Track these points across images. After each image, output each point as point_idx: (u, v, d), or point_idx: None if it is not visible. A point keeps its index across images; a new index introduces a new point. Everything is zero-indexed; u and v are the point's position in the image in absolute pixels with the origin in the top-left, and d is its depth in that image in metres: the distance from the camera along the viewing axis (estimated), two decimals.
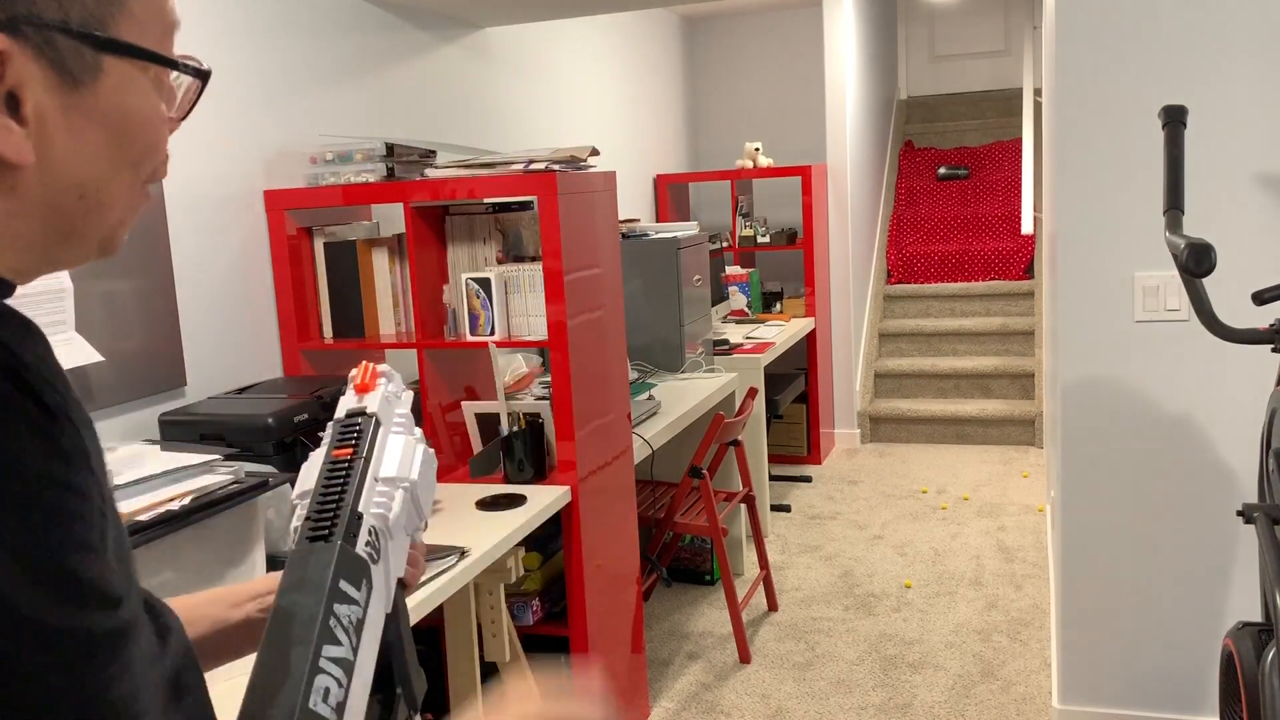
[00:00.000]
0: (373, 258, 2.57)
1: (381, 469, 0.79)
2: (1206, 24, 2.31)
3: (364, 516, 0.75)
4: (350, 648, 0.68)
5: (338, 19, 2.80)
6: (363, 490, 0.76)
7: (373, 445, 0.80)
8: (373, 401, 0.83)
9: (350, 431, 0.81)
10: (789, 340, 4.71)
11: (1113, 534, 2.54)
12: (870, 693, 3.00)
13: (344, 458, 0.78)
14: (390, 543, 0.77)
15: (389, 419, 0.84)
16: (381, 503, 0.77)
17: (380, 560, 0.75)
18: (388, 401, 0.84)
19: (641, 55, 5.23)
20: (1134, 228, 2.42)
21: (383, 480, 0.78)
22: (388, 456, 0.81)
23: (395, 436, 0.82)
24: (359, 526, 0.74)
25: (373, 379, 0.85)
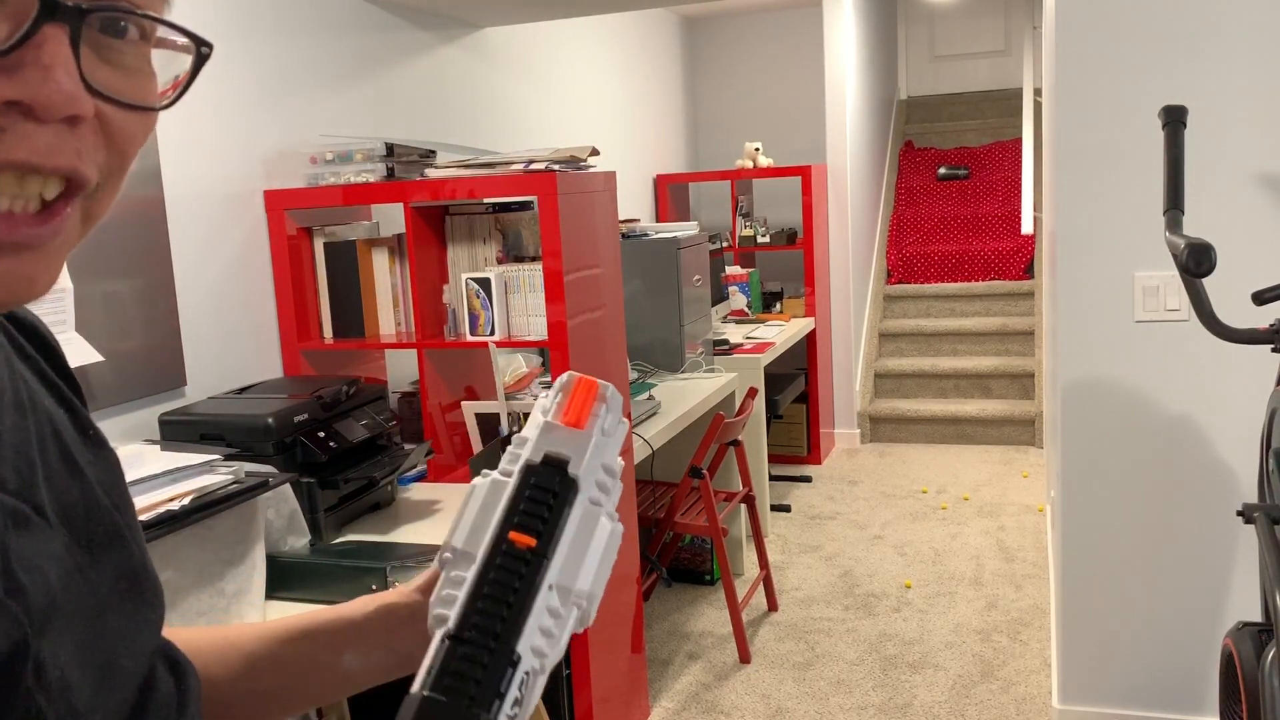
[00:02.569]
0: (373, 258, 2.57)
1: (562, 573, 0.60)
2: (1206, 24, 2.31)
3: (520, 661, 0.57)
4: None
5: (338, 19, 2.80)
6: (530, 612, 0.58)
7: (560, 535, 0.60)
8: (580, 450, 0.62)
9: (540, 505, 0.61)
10: (789, 340, 4.71)
11: (1113, 534, 2.54)
12: (870, 693, 3.00)
13: (524, 550, 0.59)
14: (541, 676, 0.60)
15: (591, 481, 0.63)
16: (548, 631, 0.59)
17: (522, 709, 0.58)
18: (598, 449, 0.63)
19: (641, 55, 5.23)
20: (1134, 228, 2.42)
21: (558, 590, 0.59)
22: (576, 553, 0.61)
23: (592, 514, 0.62)
24: (509, 681, 0.57)
25: (587, 407, 0.63)
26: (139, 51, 0.49)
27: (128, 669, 0.55)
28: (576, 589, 0.60)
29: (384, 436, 2.23)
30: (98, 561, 0.54)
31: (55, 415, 0.57)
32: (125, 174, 0.50)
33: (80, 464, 0.56)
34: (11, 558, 0.47)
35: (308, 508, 1.97)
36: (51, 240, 0.46)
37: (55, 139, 0.44)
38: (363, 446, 2.16)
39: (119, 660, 0.54)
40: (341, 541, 2.05)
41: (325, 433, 2.06)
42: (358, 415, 2.18)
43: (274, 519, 1.85)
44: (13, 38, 0.42)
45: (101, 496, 0.56)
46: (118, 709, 0.53)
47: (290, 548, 1.89)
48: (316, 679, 0.74)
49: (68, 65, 0.44)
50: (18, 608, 0.46)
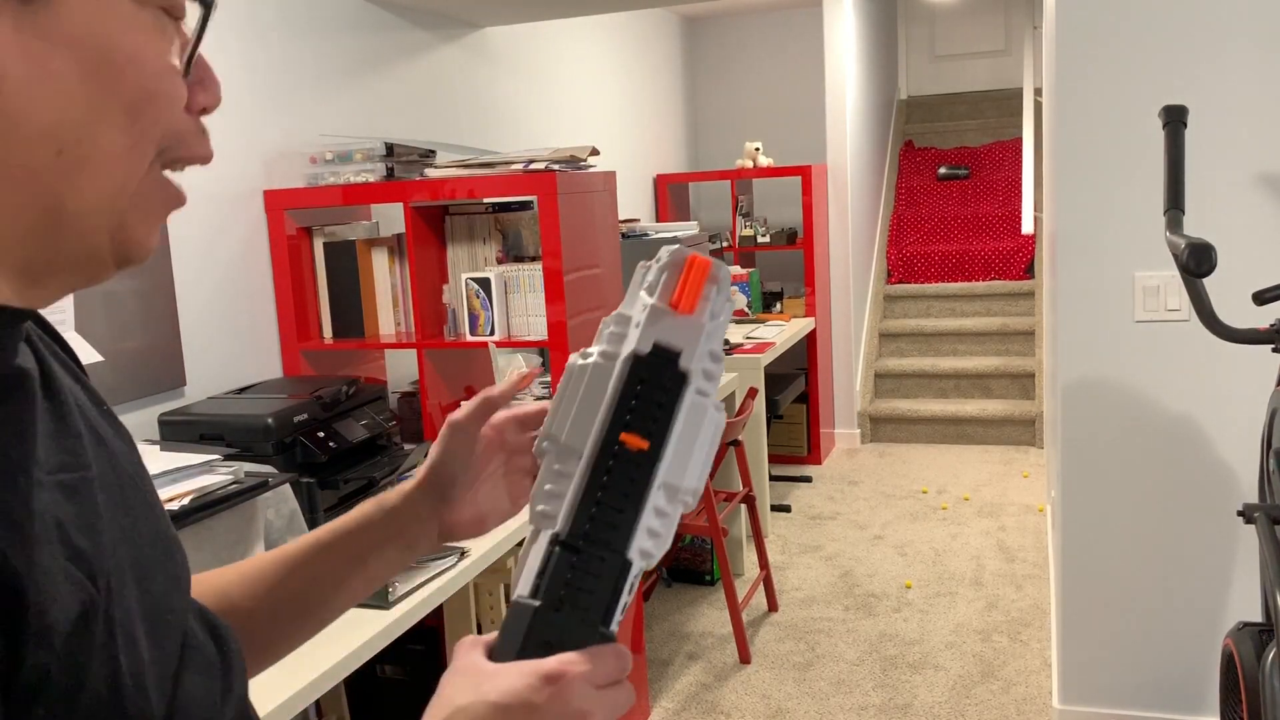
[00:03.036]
0: (372, 258, 2.57)
1: (671, 471, 0.58)
2: (1206, 24, 2.30)
3: (631, 566, 0.57)
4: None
5: (338, 19, 2.79)
6: (643, 513, 0.57)
7: (672, 431, 0.58)
8: (691, 340, 0.58)
9: (652, 404, 0.58)
10: (789, 340, 4.71)
11: (1113, 534, 2.54)
12: (870, 693, 2.99)
13: (636, 452, 0.57)
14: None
15: (699, 371, 0.59)
16: (655, 531, 0.58)
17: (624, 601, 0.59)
18: (709, 336, 0.59)
19: (641, 55, 5.22)
20: (1134, 228, 2.42)
21: (665, 488, 0.58)
22: (684, 449, 0.58)
23: (698, 406, 0.59)
24: (624, 588, 0.57)
25: (698, 290, 0.59)
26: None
27: (172, 625, 0.57)
28: (685, 486, 0.58)
29: (384, 436, 2.23)
30: (136, 524, 0.56)
31: (75, 390, 0.59)
32: None
33: (103, 435, 0.58)
34: (68, 527, 0.49)
35: (307, 508, 1.97)
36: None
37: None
38: (362, 446, 2.16)
39: (165, 616, 0.57)
40: None
41: (325, 433, 2.06)
42: (357, 415, 2.17)
43: (274, 519, 1.85)
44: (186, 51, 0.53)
45: (127, 465, 0.59)
46: (168, 663, 0.56)
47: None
48: (337, 588, 0.79)
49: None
50: (80, 572, 0.49)
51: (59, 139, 0.48)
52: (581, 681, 0.55)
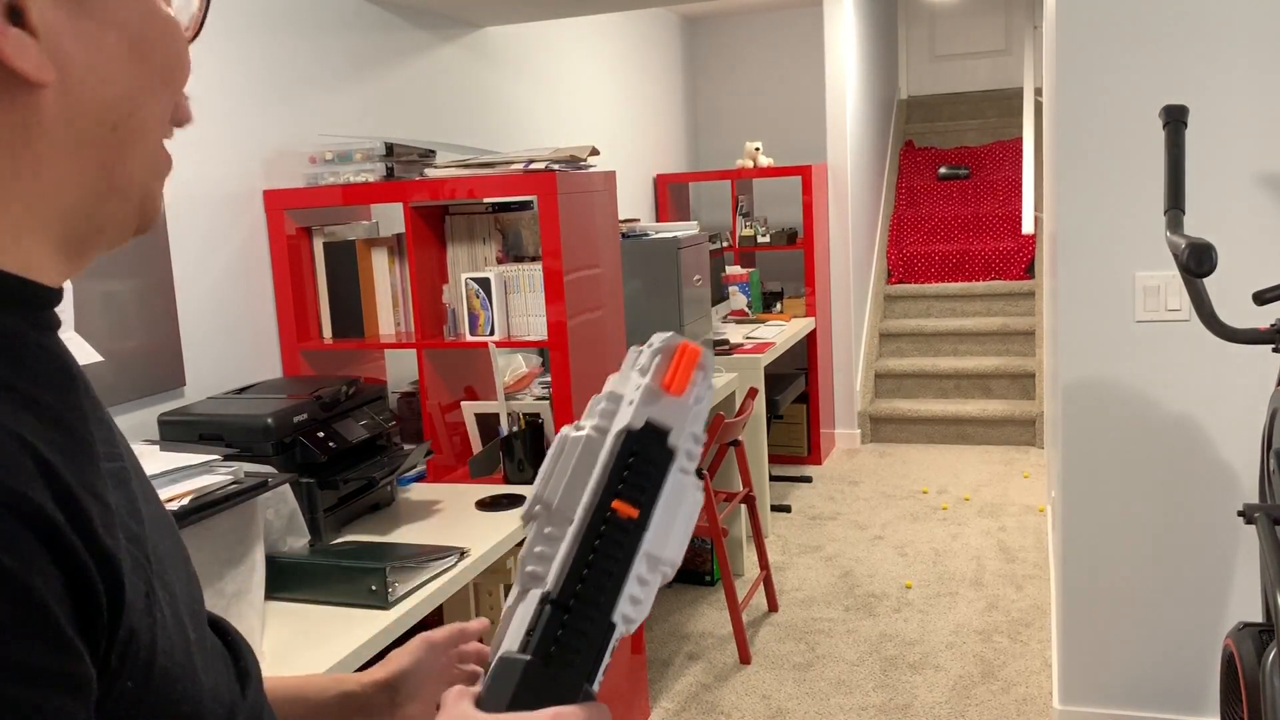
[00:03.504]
0: (372, 258, 2.57)
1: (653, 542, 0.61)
2: (1207, 24, 2.30)
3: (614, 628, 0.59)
4: None
5: (338, 19, 2.79)
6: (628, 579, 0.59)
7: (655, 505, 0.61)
8: (680, 419, 0.62)
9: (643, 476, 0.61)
10: (789, 340, 4.71)
11: (1113, 534, 2.54)
12: (871, 693, 2.99)
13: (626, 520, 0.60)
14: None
15: (684, 449, 0.63)
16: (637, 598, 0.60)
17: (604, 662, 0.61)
18: (694, 418, 0.63)
19: (641, 55, 5.22)
20: (1135, 227, 2.42)
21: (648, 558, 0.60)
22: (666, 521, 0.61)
23: (680, 482, 0.62)
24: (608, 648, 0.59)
25: (687, 374, 0.63)
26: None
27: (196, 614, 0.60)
28: (664, 557, 0.60)
29: (383, 437, 2.23)
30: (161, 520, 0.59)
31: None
32: None
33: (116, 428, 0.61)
34: (121, 512, 0.52)
35: (307, 508, 1.97)
36: None
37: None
38: (362, 447, 2.15)
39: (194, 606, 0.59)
40: (341, 542, 2.05)
41: (325, 433, 2.05)
42: (357, 415, 2.17)
43: (273, 519, 1.85)
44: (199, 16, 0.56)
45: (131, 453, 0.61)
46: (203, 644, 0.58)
47: (289, 548, 1.88)
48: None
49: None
50: (140, 554, 0.52)
51: (115, 114, 0.51)
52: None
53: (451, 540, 2.06)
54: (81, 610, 0.46)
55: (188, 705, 0.52)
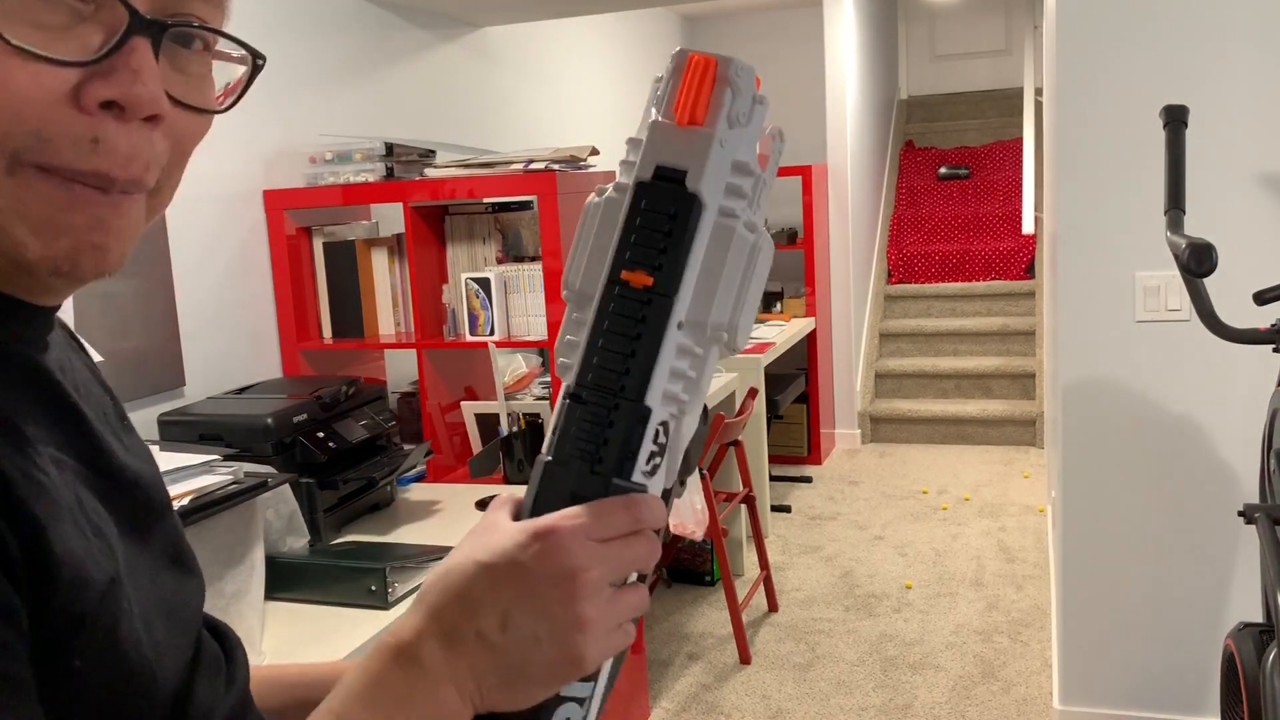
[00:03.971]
0: (372, 258, 2.57)
1: (694, 308, 0.51)
2: (1207, 23, 2.30)
3: (651, 414, 0.51)
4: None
5: (338, 19, 2.79)
6: (658, 359, 0.51)
7: (685, 264, 0.51)
8: (699, 155, 0.51)
9: (654, 234, 0.51)
10: (789, 340, 4.70)
11: (1113, 534, 2.54)
12: (871, 694, 2.99)
13: (640, 290, 0.51)
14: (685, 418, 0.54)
15: (718, 189, 0.52)
16: (682, 373, 0.52)
17: (665, 456, 0.53)
18: (725, 147, 0.52)
19: (641, 55, 5.22)
20: (1135, 227, 2.41)
21: (690, 326, 0.52)
22: (709, 280, 0.51)
23: (723, 229, 0.52)
24: (641, 436, 0.52)
25: (704, 95, 0.51)
26: (202, 59, 0.55)
27: (184, 619, 0.60)
28: (712, 321, 0.51)
29: (383, 437, 2.23)
30: (150, 528, 0.60)
31: (101, 397, 0.63)
32: (182, 171, 0.57)
33: (125, 443, 0.62)
34: (86, 507, 0.53)
35: (307, 508, 1.97)
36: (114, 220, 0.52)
37: (134, 148, 0.51)
38: (362, 447, 2.15)
39: (178, 610, 0.60)
40: (341, 542, 2.05)
41: (324, 433, 2.05)
42: (357, 415, 2.17)
43: (273, 519, 1.84)
44: (107, 44, 0.49)
45: (145, 472, 0.62)
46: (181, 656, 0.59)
47: (289, 548, 1.88)
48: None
49: (153, 70, 0.50)
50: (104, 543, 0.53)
51: None
52: (574, 536, 0.51)
53: (451, 540, 2.06)
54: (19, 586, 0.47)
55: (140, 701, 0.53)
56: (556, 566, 0.50)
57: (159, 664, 0.56)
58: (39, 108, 0.47)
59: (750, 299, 0.53)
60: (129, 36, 0.49)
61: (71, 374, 0.60)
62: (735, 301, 0.52)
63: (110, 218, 0.51)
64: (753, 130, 0.53)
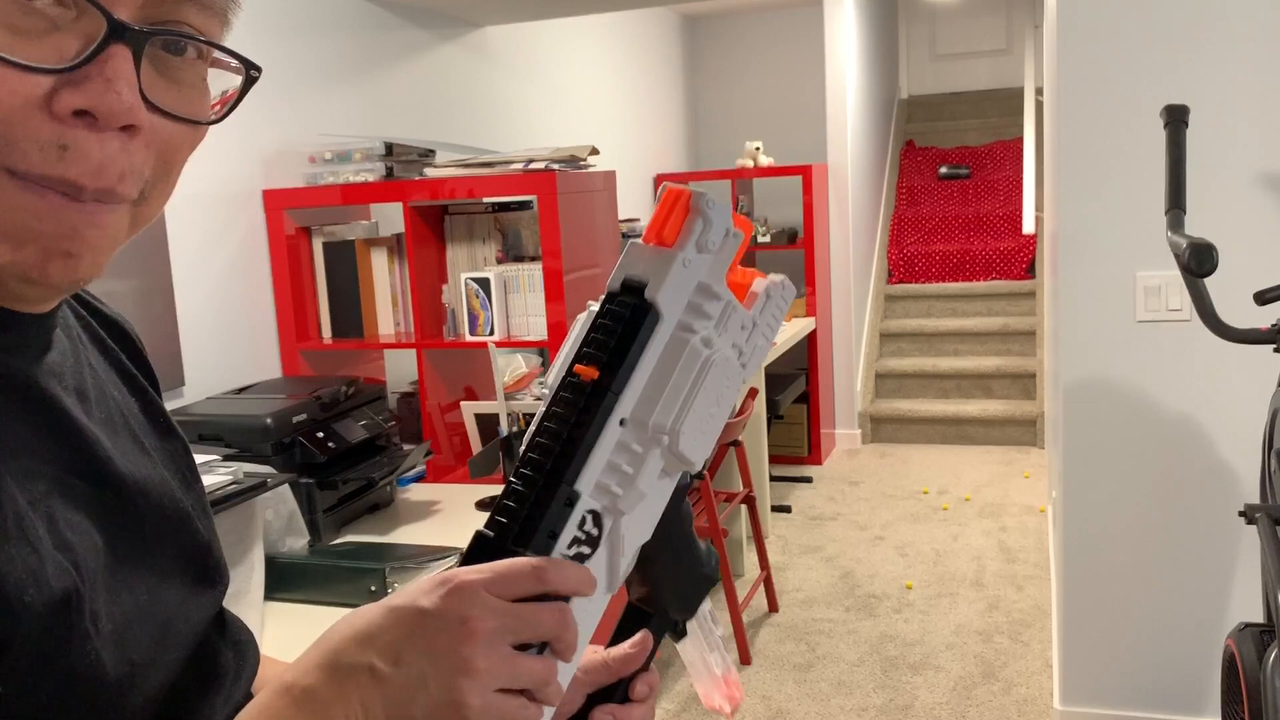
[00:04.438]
0: (371, 257, 2.57)
1: (637, 406, 0.54)
2: (1208, 24, 2.30)
3: (578, 499, 0.54)
4: None
5: (337, 18, 2.79)
6: (594, 448, 0.53)
7: (634, 365, 0.54)
8: (660, 271, 0.54)
9: (608, 334, 0.54)
10: (789, 340, 4.70)
11: (1114, 534, 2.53)
12: (871, 694, 2.99)
13: (586, 382, 0.54)
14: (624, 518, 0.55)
15: (678, 304, 0.55)
16: (619, 468, 0.54)
17: (597, 550, 0.55)
18: (688, 269, 0.55)
19: (641, 55, 5.22)
20: (1136, 227, 2.41)
21: (632, 424, 0.54)
22: (658, 384, 0.54)
23: (679, 341, 0.54)
24: (566, 519, 0.53)
25: (676, 222, 0.55)
26: (195, 69, 0.55)
27: (183, 633, 0.59)
28: (654, 422, 0.53)
29: (383, 437, 2.22)
30: (161, 535, 0.59)
31: (125, 403, 0.63)
32: (171, 181, 0.56)
33: (148, 447, 0.61)
34: (59, 521, 0.52)
35: (306, 508, 1.97)
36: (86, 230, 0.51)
37: (107, 157, 0.50)
38: (361, 447, 2.15)
39: (176, 624, 0.59)
40: (340, 542, 2.05)
41: (324, 433, 2.05)
42: (356, 415, 2.17)
43: (272, 520, 1.84)
44: (83, 54, 0.48)
45: (169, 478, 0.61)
46: (172, 667, 0.58)
47: (289, 548, 1.88)
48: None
49: (129, 80, 0.49)
50: (66, 560, 0.51)
51: None
52: (474, 586, 0.51)
53: (451, 540, 2.06)
54: None
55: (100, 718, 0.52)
56: (452, 611, 0.51)
57: (133, 679, 0.54)
58: (6, 111, 0.47)
59: (698, 409, 0.55)
60: (105, 45, 0.48)
61: (77, 377, 0.59)
62: (680, 408, 0.54)
63: (83, 226, 0.50)
64: (723, 259, 0.56)
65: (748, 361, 0.58)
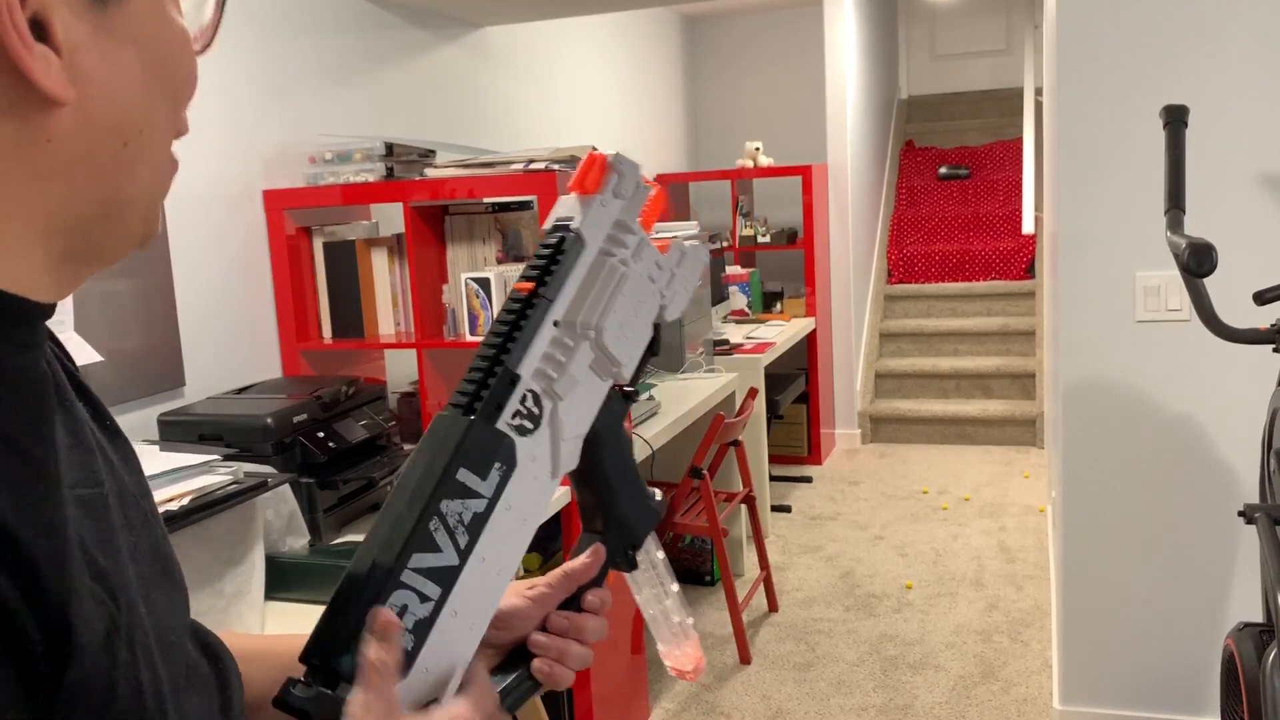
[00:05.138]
0: (372, 257, 2.57)
1: (567, 311, 0.66)
2: (1207, 24, 2.30)
3: (519, 380, 0.64)
4: (456, 551, 0.61)
5: (338, 19, 2.79)
6: (532, 341, 0.65)
7: (563, 279, 0.66)
8: (582, 210, 0.68)
9: (541, 259, 0.67)
10: (789, 340, 4.70)
11: (1114, 534, 2.54)
12: (871, 694, 2.99)
13: (520, 293, 0.66)
14: (561, 403, 0.65)
15: (599, 234, 0.68)
16: (554, 358, 0.65)
17: (539, 428, 0.65)
18: (605, 208, 0.68)
19: (641, 55, 5.22)
20: (1135, 227, 2.41)
21: (564, 325, 0.66)
22: (583, 293, 0.66)
23: (601, 262, 0.67)
24: (508, 395, 0.64)
25: (595, 175, 0.69)
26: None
27: (175, 644, 0.57)
28: (580, 320, 0.66)
29: (383, 437, 2.23)
30: (139, 542, 0.56)
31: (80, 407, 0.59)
32: None
33: (108, 451, 0.58)
34: (89, 544, 0.49)
35: (307, 508, 1.97)
36: None
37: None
38: (362, 447, 2.15)
39: (169, 637, 0.56)
40: (341, 542, 2.05)
41: (324, 433, 2.05)
42: (357, 415, 2.17)
43: (273, 519, 1.84)
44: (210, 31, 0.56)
45: (128, 482, 0.58)
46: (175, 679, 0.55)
47: (289, 548, 1.88)
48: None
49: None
50: (103, 591, 0.49)
51: (126, 132, 0.50)
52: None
53: None
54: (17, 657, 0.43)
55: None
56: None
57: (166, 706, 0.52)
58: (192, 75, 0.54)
59: (618, 311, 0.67)
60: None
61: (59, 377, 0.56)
62: (603, 310, 0.67)
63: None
64: (635, 204, 0.70)
65: (669, 304, 0.71)
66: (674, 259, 0.72)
